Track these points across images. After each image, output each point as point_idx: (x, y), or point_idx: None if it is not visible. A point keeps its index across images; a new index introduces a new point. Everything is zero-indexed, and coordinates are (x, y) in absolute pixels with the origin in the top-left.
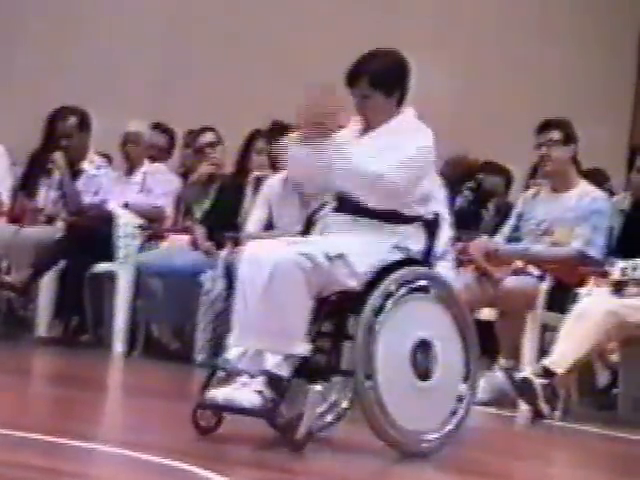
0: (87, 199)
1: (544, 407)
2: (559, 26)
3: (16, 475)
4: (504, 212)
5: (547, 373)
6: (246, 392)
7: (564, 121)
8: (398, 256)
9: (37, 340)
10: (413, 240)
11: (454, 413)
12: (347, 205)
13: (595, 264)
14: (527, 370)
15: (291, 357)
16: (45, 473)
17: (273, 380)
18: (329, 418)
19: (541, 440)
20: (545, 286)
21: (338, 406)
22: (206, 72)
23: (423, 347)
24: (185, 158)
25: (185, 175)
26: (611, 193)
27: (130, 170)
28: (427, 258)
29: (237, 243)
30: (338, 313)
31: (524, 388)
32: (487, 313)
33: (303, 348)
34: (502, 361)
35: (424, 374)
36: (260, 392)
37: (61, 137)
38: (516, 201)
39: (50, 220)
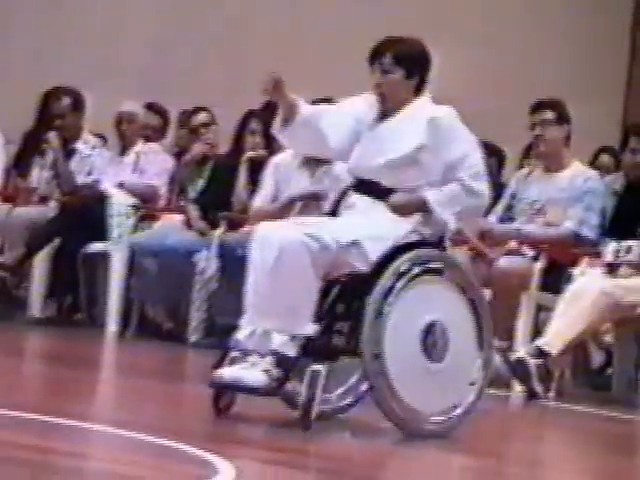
0: (80, 179)
1: (538, 387)
2: (552, 4)
3: (9, 454)
4: (496, 192)
5: (541, 353)
6: (252, 371)
7: (557, 101)
8: (412, 238)
9: (30, 320)
10: (428, 226)
11: (465, 397)
12: (366, 187)
13: (589, 244)
14: (521, 351)
15: (298, 337)
16: (38, 452)
17: (280, 360)
18: (348, 400)
19: (535, 420)
20: (539, 266)
21: (357, 389)
22: (200, 52)
23: (434, 329)
24: (179, 138)
25: (179, 155)
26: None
27: (124, 150)
28: (441, 241)
29: (231, 223)
30: (352, 294)
31: (518, 368)
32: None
33: (310, 328)
34: (496, 342)
35: (435, 356)
36: (267, 371)
37: (55, 117)
38: (509, 181)
39: (43, 200)
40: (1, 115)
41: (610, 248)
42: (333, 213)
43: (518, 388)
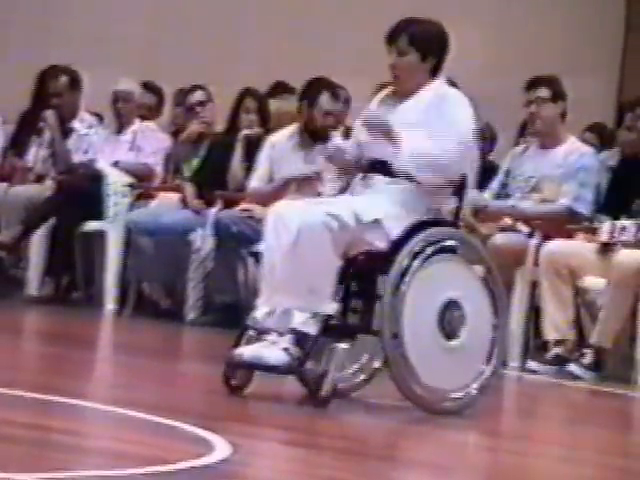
0: (77, 158)
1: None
2: None
3: (7, 432)
4: (488, 170)
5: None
6: (273, 349)
7: (552, 78)
8: (427, 216)
9: (28, 298)
10: (443, 201)
11: (481, 374)
12: (382, 168)
13: (583, 220)
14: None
15: (318, 315)
16: (36, 430)
17: (300, 338)
18: (361, 378)
19: (530, 396)
20: (534, 243)
21: (370, 366)
22: (196, 30)
23: (451, 307)
24: (176, 117)
25: (176, 133)
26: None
27: (120, 129)
28: (456, 219)
29: (227, 201)
30: (367, 273)
31: None
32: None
33: (330, 307)
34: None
35: (451, 334)
36: (287, 350)
37: (52, 96)
38: (503, 158)
39: (40, 179)
40: None
41: (605, 228)
42: (350, 192)
43: (513, 365)
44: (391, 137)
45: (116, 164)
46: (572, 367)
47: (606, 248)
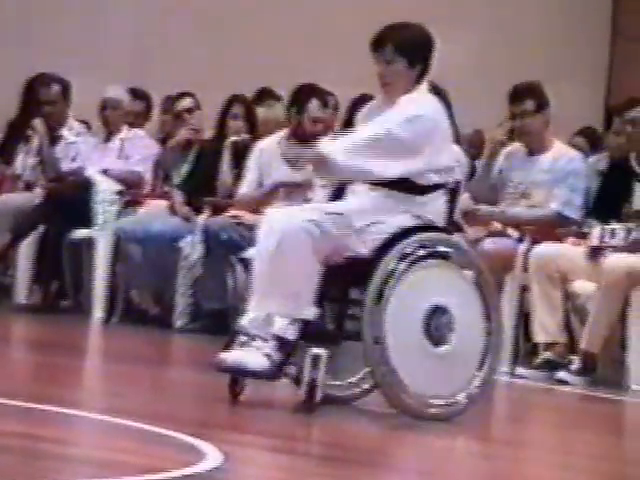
0: (65, 166)
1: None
2: None
3: None
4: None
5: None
6: (255, 355)
7: (535, 87)
8: (413, 222)
9: (16, 306)
10: (429, 209)
11: (472, 381)
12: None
13: (573, 225)
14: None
15: (298, 321)
16: (25, 439)
17: (282, 343)
18: (364, 386)
19: (520, 401)
20: (523, 247)
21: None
22: (183, 37)
23: (438, 313)
24: (164, 124)
25: (164, 141)
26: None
27: (108, 136)
28: (448, 225)
29: (215, 208)
30: (348, 279)
31: None
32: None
33: (311, 312)
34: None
35: (439, 340)
36: (269, 355)
37: (44, 104)
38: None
39: (28, 186)
40: None
41: (595, 232)
42: (338, 197)
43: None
44: (315, 156)
45: (105, 172)
46: (561, 374)
47: (596, 252)
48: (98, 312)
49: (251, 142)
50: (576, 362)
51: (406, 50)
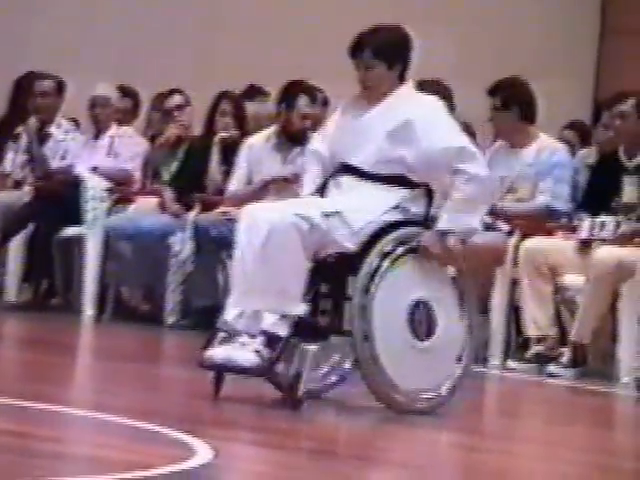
0: (54, 163)
1: None
2: None
3: None
4: None
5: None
6: (244, 352)
7: (505, 83)
8: (396, 217)
9: (6, 305)
10: (414, 203)
11: (452, 374)
12: (352, 169)
13: (563, 217)
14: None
15: (288, 317)
16: (16, 437)
17: (271, 339)
18: (332, 379)
19: (511, 394)
20: (513, 241)
21: (341, 367)
22: (171, 33)
23: (421, 307)
24: (150, 121)
25: (154, 138)
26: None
27: (97, 134)
28: (427, 220)
29: (205, 204)
30: (337, 274)
31: None
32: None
33: (300, 308)
34: None
35: (422, 334)
36: (258, 352)
37: (38, 95)
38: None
39: (17, 185)
40: None
41: (585, 224)
42: (321, 193)
43: (494, 363)
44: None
45: (94, 169)
46: (551, 367)
47: (585, 245)
48: (88, 310)
49: (240, 138)
50: (566, 355)
51: (384, 53)
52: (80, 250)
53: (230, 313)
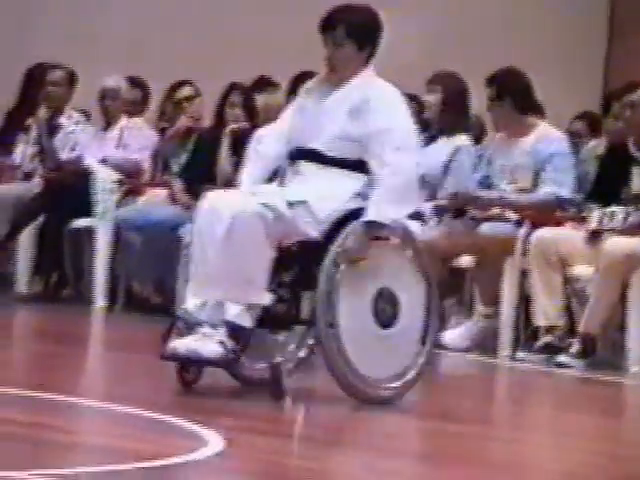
0: (64, 155)
1: None
2: None
3: (2, 431)
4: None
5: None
6: (208, 343)
7: (499, 74)
8: (359, 204)
9: (17, 296)
10: (373, 189)
11: (415, 361)
12: (310, 155)
13: (572, 207)
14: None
15: (253, 307)
16: (28, 428)
17: (235, 330)
18: (287, 367)
19: (521, 384)
20: (523, 231)
21: (295, 356)
22: (181, 24)
23: (384, 295)
24: (162, 113)
25: (165, 130)
26: None
27: (107, 125)
28: None
29: None
30: (299, 263)
31: None
32: (466, 260)
33: (265, 298)
34: (481, 308)
35: (385, 322)
36: (222, 343)
37: (49, 85)
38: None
39: (27, 176)
40: None
41: (594, 215)
42: (280, 182)
43: (505, 352)
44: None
45: (104, 161)
46: (561, 358)
47: (595, 236)
48: (99, 301)
49: (250, 130)
50: (576, 345)
51: (356, 33)
52: (90, 242)
53: (191, 302)
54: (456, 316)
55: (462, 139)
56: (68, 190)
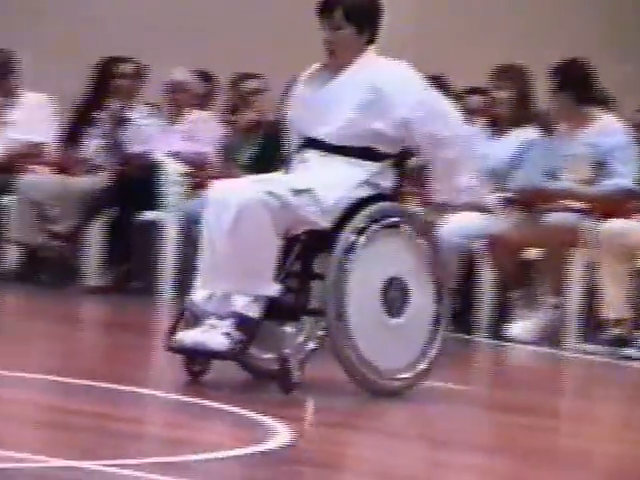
0: (133, 148)
1: None
2: None
3: (67, 420)
4: None
5: None
6: (214, 335)
7: (561, 65)
8: (367, 192)
9: (86, 288)
10: (383, 176)
11: (426, 352)
12: (317, 143)
13: (637, 198)
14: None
15: (260, 298)
16: (94, 418)
17: (242, 322)
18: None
19: (588, 377)
20: (590, 223)
21: (305, 347)
22: (252, 18)
23: (394, 284)
24: (228, 106)
25: (232, 123)
26: None
27: (175, 118)
28: (397, 194)
29: None
30: (307, 252)
31: None
32: (534, 252)
33: (272, 288)
34: (548, 300)
35: (395, 311)
36: (228, 334)
37: (119, 77)
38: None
39: (96, 169)
40: (51, 86)
41: None
42: (288, 168)
43: (573, 345)
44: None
45: (171, 154)
46: (628, 350)
47: None
48: (167, 293)
49: None
50: None
51: (355, 16)
52: (159, 234)
53: (198, 294)
54: (523, 309)
55: (531, 132)
56: (136, 183)
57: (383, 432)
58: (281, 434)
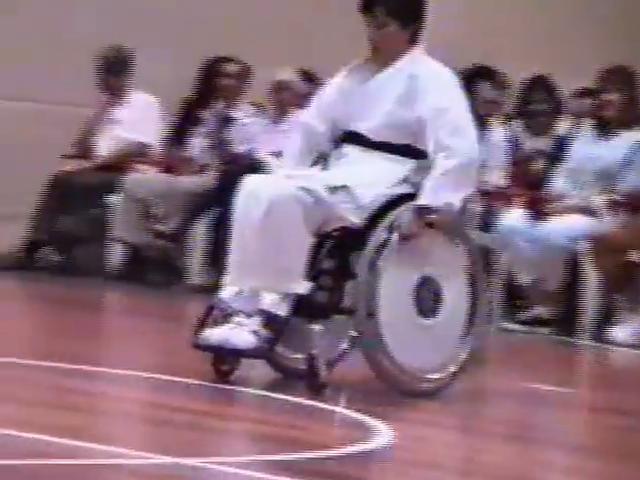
0: (238, 147)
1: None
2: None
3: (162, 416)
4: None
5: None
6: (241, 332)
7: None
8: (405, 190)
9: (190, 287)
10: (422, 175)
11: (458, 353)
12: (357, 138)
13: None
14: None
15: (289, 296)
16: (188, 414)
17: (270, 319)
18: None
19: None
20: None
21: (338, 347)
22: (347, 17)
23: (427, 284)
24: None
25: None
26: None
27: (279, 118)
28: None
29: None
30: (340, 250)
31: None
32: (639, 255)
33: (302, 286)
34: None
35: (428, 312)
36: (255, 332)
37: (223, 76)
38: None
39: (202, 169)
40: (158, 88)
41: None
42: (325, 164)
43: None
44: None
45: (276, 153)
46: None
47: None
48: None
49: None
50: None
51: (398, 12)
52: None
53: (227, 291)
54: (627, 312)
55: None
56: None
57: (481, 433)
58: (381, 434)
